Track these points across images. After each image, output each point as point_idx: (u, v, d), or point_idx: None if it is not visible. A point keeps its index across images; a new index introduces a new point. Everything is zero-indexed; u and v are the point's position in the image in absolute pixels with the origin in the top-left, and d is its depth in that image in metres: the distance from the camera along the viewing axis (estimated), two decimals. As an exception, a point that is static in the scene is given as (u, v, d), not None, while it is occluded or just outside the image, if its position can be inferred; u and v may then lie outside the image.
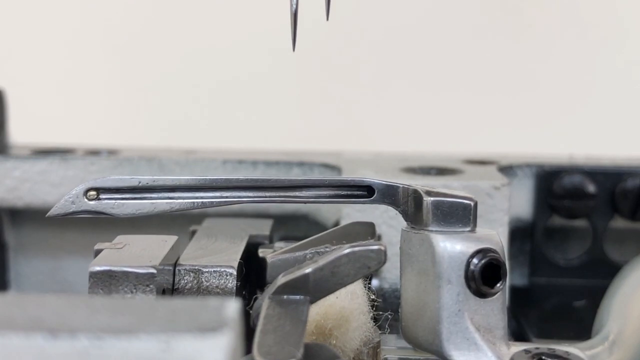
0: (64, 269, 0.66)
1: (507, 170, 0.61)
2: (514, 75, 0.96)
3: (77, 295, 0.29)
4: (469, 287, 0.39)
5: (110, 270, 0.38)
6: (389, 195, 0.41)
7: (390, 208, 0.46)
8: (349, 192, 0.42)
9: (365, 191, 0.42)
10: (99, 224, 0.65)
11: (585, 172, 0.60)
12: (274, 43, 0.90)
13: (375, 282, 0.52)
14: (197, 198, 0.41)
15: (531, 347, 0.41)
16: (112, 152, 0.64)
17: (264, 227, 0.49)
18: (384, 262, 0.38)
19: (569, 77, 0.95)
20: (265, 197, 0.42)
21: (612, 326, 0.43)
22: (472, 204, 0.40)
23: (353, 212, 0.54)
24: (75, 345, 0.25)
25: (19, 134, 0.67)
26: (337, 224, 0.56)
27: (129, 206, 0.41)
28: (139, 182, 0.41)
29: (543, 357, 0.40)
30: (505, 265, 0.39)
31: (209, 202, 0.41)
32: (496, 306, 0.39)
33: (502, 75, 0.96)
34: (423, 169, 0.59)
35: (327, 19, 0.44)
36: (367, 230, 0.44)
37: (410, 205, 0.41)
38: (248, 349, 0.33)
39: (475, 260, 0.39)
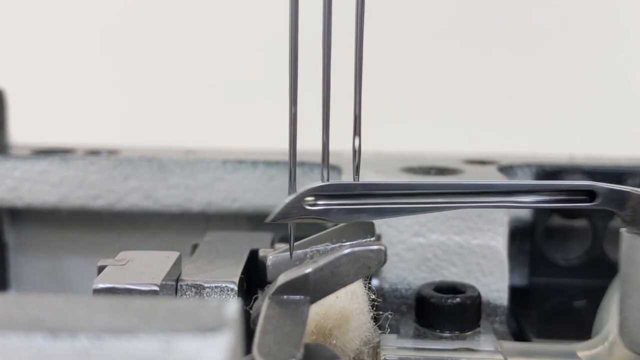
0: (64, 269, 0.66)
1: (507, 170, 0.61)
2: (514, 76, 0.96)
3: (77, 295, 0.29)
4: None
5: (113, 288, 0.39)
6: (613, 200, 0.41)
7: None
8: (569, 197, 0.42)
9: (586, 196, 0.41)
10: (99, 224, 0.65)
11: (585, 172, 0.60)
12: (274, 43, 0.90)
13: (375, 282, 0.52)
14: (410, 203, 0.41)
15: None
16: (112, 152, 0.64)
17: (265, 241, 0.50)
18: (384, 263, 0.38)
19: (569, 77, 0.95)
20: (483, 202, 0.41)
21: (612, 326, 0.43)
22: None
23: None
24: (75, 345, 0.25)
25: (19, 134, 0.67)
26: (337, 224, 0.56)
27: (345, 212, 0.41)
28: (356, 188, 0.41)
29: None
30: None
31: (421, 207, 0.41)
32: None
33: (502, 75, 0.96)
34: (423, 169, 0.59)
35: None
36: (367, 230, 0.44)
37: (637, 210, 0.40)
38: (248, 349, 0.33)
39: None
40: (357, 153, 0.42)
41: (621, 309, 0.41)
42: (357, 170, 0.42)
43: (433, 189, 0.41)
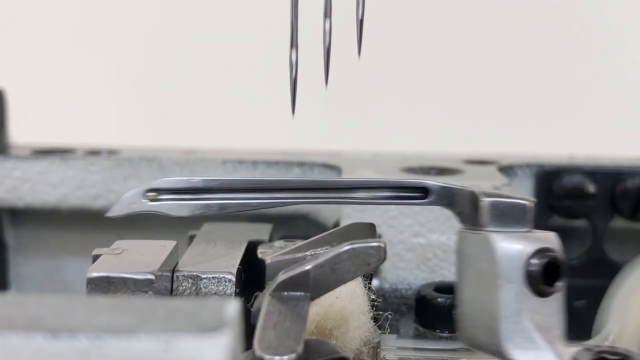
0: (64, 269, 0.66)
1: (507, 170, 0.61)
2: (515, 76, 0.96)
3: (77, 295, 0.29)
4: (529, 286, 0.38)
5: (108, 277, 0.39)
6: (445, 196, 0.41)
7: (390, 207, 0.46)
8: (404, 194, 0.42)
9: (421, 193, 0.42)
10: (99, 224, 0.65)
11: (585, 172, 0.60)
12: (274, 43, 0.90)
13: (375, 282, 0.52)
14: (253, 199, 0.42)
15: (591, 345, 0.41)
16: (112, 152, 0.64)
17: (263, 232, 0.49)
18: (384, 259, 0.38)
19: (569, 77, 0.95)
20: (320, 198, 0.42)
21: (612, 326, 0.43)
22: (530, 204, 0.40)
23: (353, 213, 0.54)
24: (75, 345, 0.25)
25: (19, 134, 0.67)
26: (337, 224, 0.56)
27: (186, 207, 0.41)
28: (196, 183, 0.41)
29: (605, 355, 0.40)
30: (565, 265, 0.39)
31: (264, 203, 0.42)
32: (554, 306, 0.39)
33: (503, 75, 0.96)
34: (423, 169, 0.59)
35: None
36: (368, 231, 0.44)
37: (467, 207, 0.41)
38: (249, 347, 0.33)
39: (535, 260, 0.38)
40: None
41: (457, 304, 0.41)
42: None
43: (273, 185, 0.42)
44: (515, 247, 0.39)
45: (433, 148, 0.71)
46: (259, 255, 0.46)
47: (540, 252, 0.39)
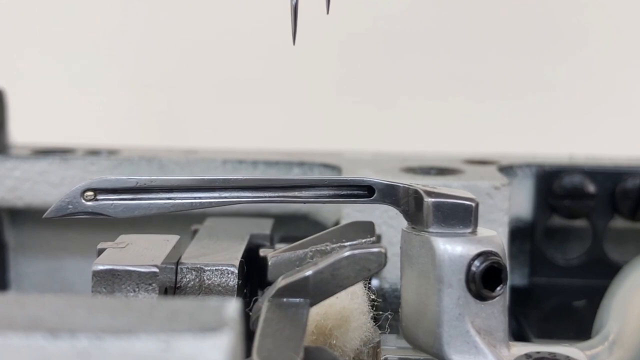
0: (64, 269, 0.66)
1: (507, 170, 0.61)
2: (514, 76, 0.96)
3: (77, 295, 0.29)
4: (469, 290, 0.38)
5: (113, 269, 0.39)
6: (390, 195, 0.41)
7: (390, 208, 0.46)
8: (349, 192, 0.42)
9: (365, 191, 0.41)
10: (99, 224, 0.64)
11: (585, 172, 0.60)
12: (274, 43, 0.90)
13: (375, 282, 0.52)
14: (195, 198, 0.41)
15: (532, 350, 0.41)
16: (112, 152, 0.64)
17: (264, 227, 0.50)
18: (384, 265, 0.37)
19: (569, 78, 0.95)
20: (265, 197, 0.41)
21: (612, 326, 0.43)
22: (473, 205, 0.39)
23: (353, 212, 0.54)
24: (75, 345, 0.25)
25: (19, 134, 0.67)
26: (337, 223, 0.56)
27: (126, 207, 0.41)
28: (137, 183, 0.41)
29: None
30: (506, 268, 0.39)
31: (207, 202, 0.41)
32: (497, 309, 0.39)
33: (503, 75, 0.96)
34: (423, 169, 0.59)
35: (327, 12, 0.44)
36: (367, 230, 0.44)
37: (411, 206, 0.40)
38: (248, 350, 0.33)
39: (476, 263, 0.38)
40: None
41: (401, 304, 0.41)
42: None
43: (217, 185, 0.41)
44: (457, 250, 0.38)
45: (433, 148, 0.71)
46: (261, 254, 0.46)
47: (481, 256, 0.38)
